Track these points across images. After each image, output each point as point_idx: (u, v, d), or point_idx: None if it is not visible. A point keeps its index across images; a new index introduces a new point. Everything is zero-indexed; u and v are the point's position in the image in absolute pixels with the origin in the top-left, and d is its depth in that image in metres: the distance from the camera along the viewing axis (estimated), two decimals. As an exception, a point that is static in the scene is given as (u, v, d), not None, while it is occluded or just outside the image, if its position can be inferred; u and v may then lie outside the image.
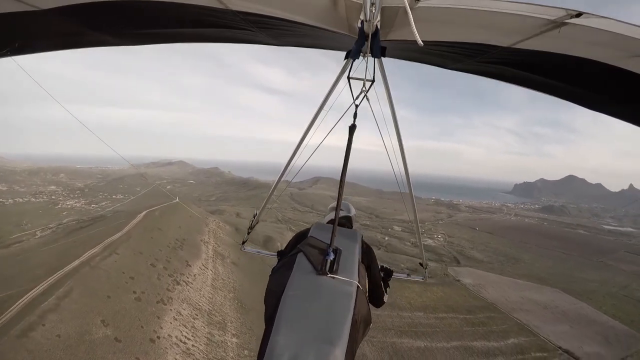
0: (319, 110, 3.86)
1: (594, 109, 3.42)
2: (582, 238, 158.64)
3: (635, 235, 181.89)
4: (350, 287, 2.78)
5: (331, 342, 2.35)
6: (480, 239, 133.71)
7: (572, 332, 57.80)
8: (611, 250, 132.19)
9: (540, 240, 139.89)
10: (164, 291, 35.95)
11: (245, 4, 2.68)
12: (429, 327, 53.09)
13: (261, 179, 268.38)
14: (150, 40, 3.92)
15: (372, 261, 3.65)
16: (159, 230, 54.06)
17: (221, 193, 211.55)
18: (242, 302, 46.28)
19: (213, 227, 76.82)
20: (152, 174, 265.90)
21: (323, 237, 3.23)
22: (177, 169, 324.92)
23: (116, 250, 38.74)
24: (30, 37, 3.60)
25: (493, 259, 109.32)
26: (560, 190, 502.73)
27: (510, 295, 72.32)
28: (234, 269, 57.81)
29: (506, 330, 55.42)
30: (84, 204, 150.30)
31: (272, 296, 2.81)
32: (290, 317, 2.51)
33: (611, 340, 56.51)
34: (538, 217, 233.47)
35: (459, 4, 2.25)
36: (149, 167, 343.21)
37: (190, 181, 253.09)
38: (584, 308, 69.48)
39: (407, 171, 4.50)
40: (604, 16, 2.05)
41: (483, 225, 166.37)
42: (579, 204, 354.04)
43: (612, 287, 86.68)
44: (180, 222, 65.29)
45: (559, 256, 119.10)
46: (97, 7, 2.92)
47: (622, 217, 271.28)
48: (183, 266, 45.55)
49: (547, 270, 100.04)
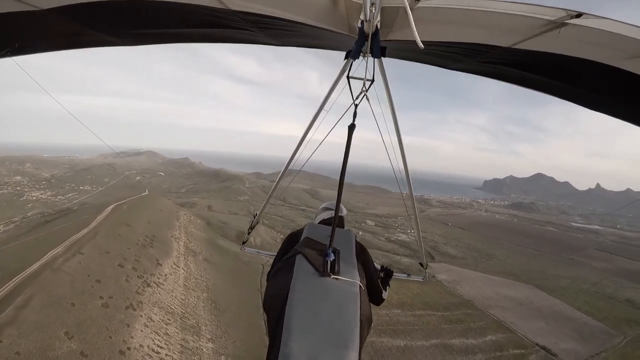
0: (319, 110, 3.91)
1: (593, 109, 3.39)
2: (552, 235, 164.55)
3: (602, 233, 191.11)
4: (353, 287, 2.79)
5: (346, 345, 2.36)
6: (453, 235, 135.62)
7: (548, 328, 59.04)
8: (581, 248, 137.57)
9: (512, 237, 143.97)
10: (134, 295, 33.25)
11: (245, 4, 2.65)
12: (408, 325, 52.69)
13: (232, 171, 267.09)
14: (151, 40, 3.88)
15: (367, 260, 3.58)
16: (128, 226, 50.97)
17: (192, 185, 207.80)
18: (216, 303, 44.23)
19: (184, 222, 74.42)
20: (120, 164, 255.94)
21: (319, 238, 3.23)
22: (147, 159, 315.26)
23: (81, 249, 35.59)
24: (30, 37, 3.56)
25: (467, 255, 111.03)
26: (529, 187, 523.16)
27: (485, 291, 73.39)
28: (206, 267, 55.72)
29: (484, 327, 55.93)
30: (50, 196, 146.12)
31: (275, 301, 2.74)
32: (300, 321, 2.46)
33: (586, 336, 58.00)
34: (508, 213, 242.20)
35: (459, 4, 2.24)
36: (117, 157, 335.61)
37: (160, 172, 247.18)
38: (558, 305, 71.20)
39: (407, 170, 4.52)
40: (604, 17, 2.05)
41: (455, 220, 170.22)
42: (548, 201, 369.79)
43: (583, 283, 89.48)
44: (150, 217, 62.51)
45: (531, 253, 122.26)
46: (97, 7, 2.88)
47: (589, 215, 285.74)
48: (153, 265, 42.79)
49: (520, 266, 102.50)
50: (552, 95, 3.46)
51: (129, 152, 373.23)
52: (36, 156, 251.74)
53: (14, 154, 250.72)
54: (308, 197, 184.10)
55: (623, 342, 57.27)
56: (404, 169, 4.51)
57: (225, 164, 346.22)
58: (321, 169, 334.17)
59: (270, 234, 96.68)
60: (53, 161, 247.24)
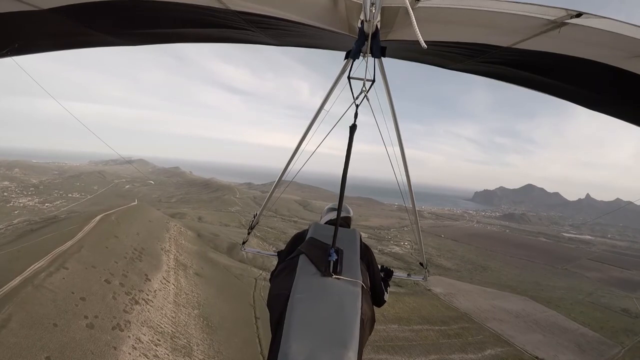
0: (319, 110, 3.81)
1: (594, 109, 3.39)
2: (544, 246, 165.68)
3: (594, 243, 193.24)
4: (355, 287, 2.79)
5: (344, 345, 2.37)
6: (446, 247, 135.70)
7: (546, 340, 58.81)
8: (574, 258, 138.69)
9: (505, 248, 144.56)
10: (121, 313, 31.50)
11: (245, 4, 2.67)
12: (406, 340, 51.85)
13: (223, 180, 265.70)
14: (151, 40, 3.87)
15: (371, 260, 3.55)
16: (115, 238, 49.23)
17: (182, 194, 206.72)
18: (208, 320, 42.59)
19: (174, 233, 73.18)
20: (110, 172, 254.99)
21: (323, 238, 3.22)
22: (137, 168, 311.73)
23: (65, 263, 33.81)
24: (30, 37, 3.56)
25: (461, 267, 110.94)
26: (520, 198, 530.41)
27: (481, 304, 73.02)
28: (197, 281, 54.21)
29: (482, 341, 55.39)
30: (37, 203, 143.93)
31: (277, 300, 2.76)
32: (300, 321, 2.48)
33: (584, 347, 58.12)
34: (500, 224, 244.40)
35: (459, 4, 2.25)
36: (107, 164, 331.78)
37: (150, 181, 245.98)
38: (554, 316, 71.18)
39: (407, 170, 4.36)
40: (604, 16, 2.07)
41: (447, 232, 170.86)
42: (539, 212, 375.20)
43: (578, 294, 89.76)
44: (139, 228, 60.97)
45: (524, 264, 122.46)
46: (97, 7, 2.90)
47: (580, 225, 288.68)
48: (142, 281, 41.06)
49: (515, 278, 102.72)
50: (553, 95, 3.43)
51: (120, 160, 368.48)
52: (25, 161, 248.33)
53: (2, 158, 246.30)
54: (300, 208, 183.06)
55: (621, 353, 57.39)
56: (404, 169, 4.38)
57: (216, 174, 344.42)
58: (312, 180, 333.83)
59: (263, 246, 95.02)
60: (42, 167, 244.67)
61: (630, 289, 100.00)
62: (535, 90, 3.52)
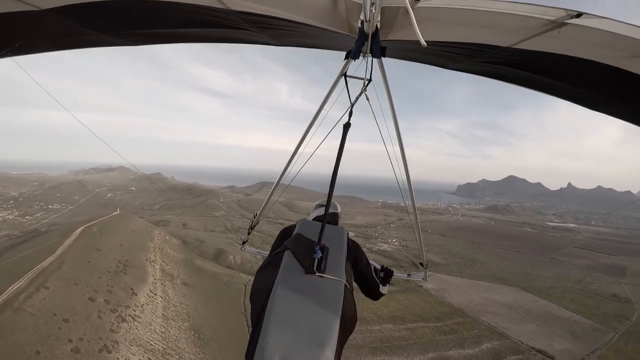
0: (319, 110, 3.88)
1: (594, 109, 3.41)
2: (530, 236, 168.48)
3: (579, 230, 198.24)
4: (338, 285, 2.79)
5: (322, 344, 2.36)
6: (434, 241, 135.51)
7: (540, 330, 59.37)
8: (560, 247, 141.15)
9: (491, 240, 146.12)
10: (108, 333, 29.88)
11: (245, 4, 2.68)
12: (402, 340, 51.52)
13: (206, 185, 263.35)
14: (151, 40, 3.86)
15: (360, 256, 3.60)
16: (98, 252, 47.51)
17: (165, 201, 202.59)
18: (199, 332, 41.24)
19: (159, 242, 71.65)
20: (91, 180, 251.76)
21: (310, 235, 3.23)
22: (118, 175, 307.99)
23: (46, 282, 32.03)
24: (30, 37, 3.54)
25: (450, 261, 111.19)
26: (502, 189, 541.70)
27: (473, 298, 73.25)
28: (185, 291, 52.77)
29: (478, 336, 55.52)
30: (17, 216, 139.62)
31: (259, 295, 2.74)
32: (280, 317, 2.47)
33: (578, 335, 58.91)
34: (484, 216, 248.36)
35: (459, 4, 2.27)
36: (88, 173, 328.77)
37: (132, 188, 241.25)
38: (546, 305, 72.05)
39: (407, 169, 4.43)
40: (603, 17, 2.08)
41: (434, 227, 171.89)
42: (522, 202, 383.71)
43: (567, 282, 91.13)
44: (122, 239, 59.34)
45: (512, 255, 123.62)
46: (97, 7, 2.91)
47: (563, 213, 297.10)
48: (128, 296, 39.46)
49: (504, 269, 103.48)
50: (553, 95, 3.42)
51: (101, 167, 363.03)
52: (3, 173, 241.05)
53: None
54: (285, 209, 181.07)
55: (615, 338, 58.26)
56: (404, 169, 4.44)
57: (198, 178, 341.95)
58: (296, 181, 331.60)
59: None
60: (21, 179, 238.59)
61: (618, 274, 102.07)
62: (535, 90, 3.50)
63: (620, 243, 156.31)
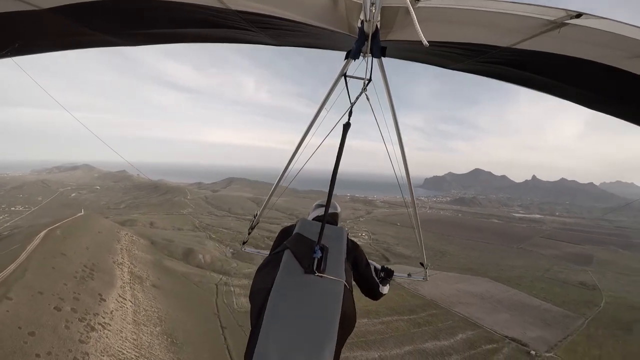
0: (319, 110, 3.87)
1: (594, 108, 3.42)
2: (497, 227, 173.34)
3: (544, 221, 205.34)
4: (337, 286, 2.80)
5: (321, 344, 2.39)
6: (404, 234, 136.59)
7: (513, 319, 60.88)
8: (527, 237, 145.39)
9: (460, 232, 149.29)
10: (77, 345, 28.21)
11: (246, 4, 2.67)
12: (378, 334, 51.63)
13: (172, 182, 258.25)
14: (151, 40, 3.84)
15: (360, 256, 3.64)
16: (63, 256, 45.31)
17: (131, 199, 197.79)
18: (172, 336, 39.95)
19: (126, 243, 69.49)
20: (55, 180, 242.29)
21: (310, 234, 3.24)
22: (82, 174, 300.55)
23: (8, 292, 29.97)
24: (30, 37, 3.54)
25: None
26: (469, 182, 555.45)
27: (445, 289, 74.51)
28: (155, 294, 51.24)
29: (452, 327, 56.48)
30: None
31: (258, 294, 2.78)
32: (278, 317, 2.51)
33: (549, 322, 60.80)
34: (452, 209, 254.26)
35: (459, 4, 2.27)
36: (51, 172, 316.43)
37: (96, 187, 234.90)
38: (517, 294, 74.15)
39: (407, 169, 4.51)
40: (603, 17, 2.09)
41: (403, 220, 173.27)
42: (488, 194, 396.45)
43: (536, 271, 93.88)
44: (88, 241, 57.08)
45: (481, 246, 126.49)
46: (97, 6, 2.91)
47: (528, 205, 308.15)
48: (96, 302, 37.69)
49: (475, 260, 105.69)
50: (553, 95, 3.41)
51: (65, 166, 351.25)
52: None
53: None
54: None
55: (585, 324, 60.33)
56: (404, 168, 4.50)
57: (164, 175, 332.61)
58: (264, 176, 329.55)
59: (220, 248, 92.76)
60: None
61: (584, 262, 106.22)
62: (535, 90, 3.50)
63: (585, 232, 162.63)
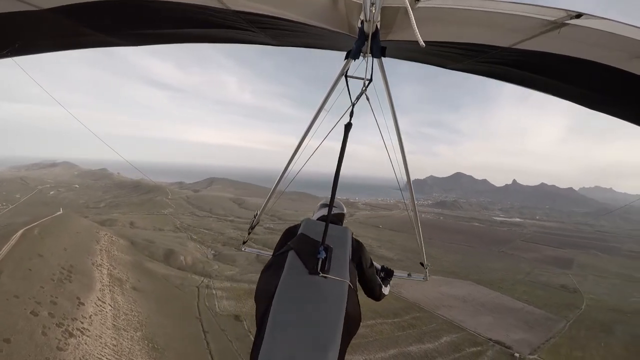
0: (319, 110, 3.87)
1: (594, 108, 3.38)
2: (479, 230, 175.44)
3: (524, 225, 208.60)
4: (342, 286, 2.80)
5: (325, 345, 2.39)
6: (386, 237, 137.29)
7: (496, 322, 61.32)
8: (508, 240, 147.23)
9: (442, 235, 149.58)
10: (55, 352, 26.97)
11: (245, 4, 2.68)
12: (362, 337, 51.21)
13: (153, 181, 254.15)
14: (151, 40, 3.85)
15: (364, 257, 3.55)
16: (40, 258, 43.85)
17: (111, 198, 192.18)
18: (153, 342, 38.86)
19: (105, 244, 67.98)
20: (33, 177, 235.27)
21: (314, 235, 3.22)
22: (62, 171, 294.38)
23: (-18, 298, 28.93)
24: (30, 37, 3.50)
25: (403, 257, 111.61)
26: (450, 186, 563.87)
27: (428, 292, 74.26)
28: (136, 297, 50.08)
29: (436, 330, 56.56)
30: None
31: (264, 296, 2.79)
32: (283, 320, 2.51)
33: (532, 324, 61.40)
34: (433, 212, 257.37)
35: (459, 4, 2.28)
36: (30, 169, 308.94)
37: (76, 185, 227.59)
38: (499, 297, 74.88)
39: (408, 170, 4.48)
40: (603, 17, 2.08)
41: (384, 222, 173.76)
42: (469, 198, 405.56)
43: (517, 274, 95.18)
44: (66, 242, 55.56)
45: (463, 249, 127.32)
46: (97, 6, 2.89)
47: (509, 209, 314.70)
48: (74, 306, 36.41)
49: (457, 263, 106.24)
50: (552, 95, 3.42)
51: (44, 163, 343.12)
52: None
53: None
54: (235, 206, 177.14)
55: (567, 326, 61.28)
56: (405, 168, 4.45)
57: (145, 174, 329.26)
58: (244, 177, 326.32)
59: (201, 249, 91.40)
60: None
61: (564, 266, 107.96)
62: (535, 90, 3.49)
63: (565, 236, 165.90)
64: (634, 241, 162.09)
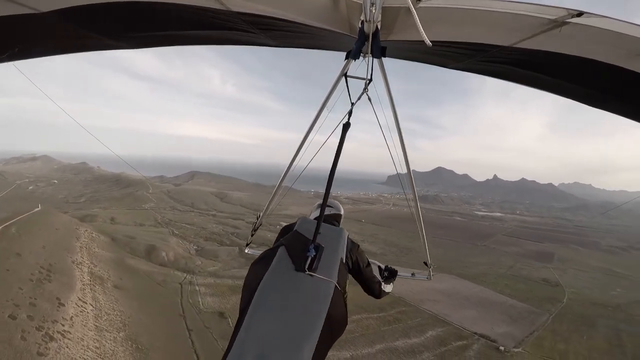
0: (320, 110, 3.94)
1: (596, 106, 3.40)
2: (461, 224, 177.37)
3: (505, 219, 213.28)
4: (327, 286, 2.77)
5: (300, 343, 2.37)
6: (368, 231, 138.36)
7: (480, 316, 62.21)
8: (489, 235, 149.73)
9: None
10: (35, 358, 25.81)
11: (246, 5, 2.69)
12: (348, 332, 50.27)
13: (134, 175, 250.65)
14: (152, 43, 3.84)
15: (360, 257, 3.56)
16: (18, 257, 42.32)
17: (91, 193, 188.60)
18: (137, 342, 37.87)
19: (86, 241, 66.25)
20: (12, 171, 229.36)
21: (307, 233, 3.20)
22: (41, 165, 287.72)
23: (-43, 302, 27.48)
24: (29, 41, 3.46)
25: (386, 251, 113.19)
26: (431, 180, 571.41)
27: (413, 286, 74.30)
28: (118, 296, 48.85)
29: (421, 324, 56.89)
30: None
31: (247, 289, 2.81)
32: (262, 311, 2.52)
33: (515, 318, 62.54)
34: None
35: (460, 4, 2.31)
36: (9, 163, 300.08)
37: (54, 180, 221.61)
38: (483, 291, 75.93)
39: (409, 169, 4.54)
40: (605, 16, 2.11)
41: (367, 216, 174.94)
42: (450, 192, 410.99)
43: (500, 268, 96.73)
44: (45, 239, 53.95)
45: (445, 243, 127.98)
46: (96, 9, 2.88)
47: (490, 203, 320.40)
48: (54, 308, 35.06)
49: (440, 257, 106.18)
50: (553, 93, 3.43)
51: (23, 157, 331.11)
52: None
53: None
54: (217, 200, 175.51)
55: (550, 319, 62.63)
56: (406, 168, 4.52)
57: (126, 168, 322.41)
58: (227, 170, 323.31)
59: (183, 245, 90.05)
60: None
61: (545, 260, 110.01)
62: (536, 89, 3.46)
63: (545, 231, 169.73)
64: (612, 236, 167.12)
